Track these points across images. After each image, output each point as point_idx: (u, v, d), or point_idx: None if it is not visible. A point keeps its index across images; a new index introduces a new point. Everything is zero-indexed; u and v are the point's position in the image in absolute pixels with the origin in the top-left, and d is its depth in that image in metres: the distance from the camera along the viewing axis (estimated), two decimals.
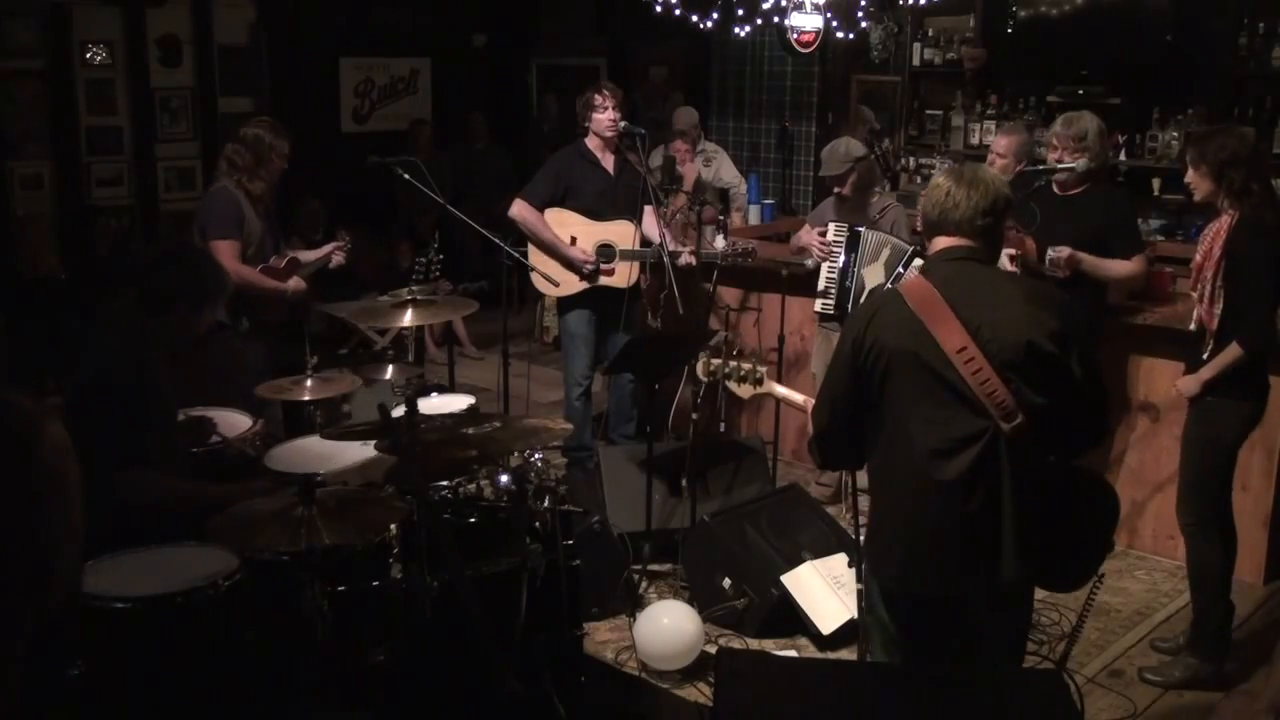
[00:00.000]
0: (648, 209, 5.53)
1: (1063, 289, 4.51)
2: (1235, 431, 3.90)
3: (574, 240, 5.45)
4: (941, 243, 2.73)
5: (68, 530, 1.23)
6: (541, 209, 5.45)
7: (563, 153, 5.62)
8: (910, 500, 2.65)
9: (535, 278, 5.52)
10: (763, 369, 3.16)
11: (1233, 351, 3.76)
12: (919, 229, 2.94)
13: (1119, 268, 4.53)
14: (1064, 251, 4.39)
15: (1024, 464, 2.56)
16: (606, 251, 5.46)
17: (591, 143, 5.49)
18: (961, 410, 2.56)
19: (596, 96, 5.42)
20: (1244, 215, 3.74)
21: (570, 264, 5.43)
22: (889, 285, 4.93)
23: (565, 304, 5.60)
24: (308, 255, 5.28)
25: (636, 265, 5.51)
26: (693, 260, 5.48)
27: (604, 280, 5.47)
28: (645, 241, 5.48)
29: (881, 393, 2.63)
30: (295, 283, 5.00)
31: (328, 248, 5.32)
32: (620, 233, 5.46)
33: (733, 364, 3.19)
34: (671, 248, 5.41)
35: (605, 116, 5.39)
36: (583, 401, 5.65)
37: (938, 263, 2.72)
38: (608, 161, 5.50)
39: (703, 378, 3.24)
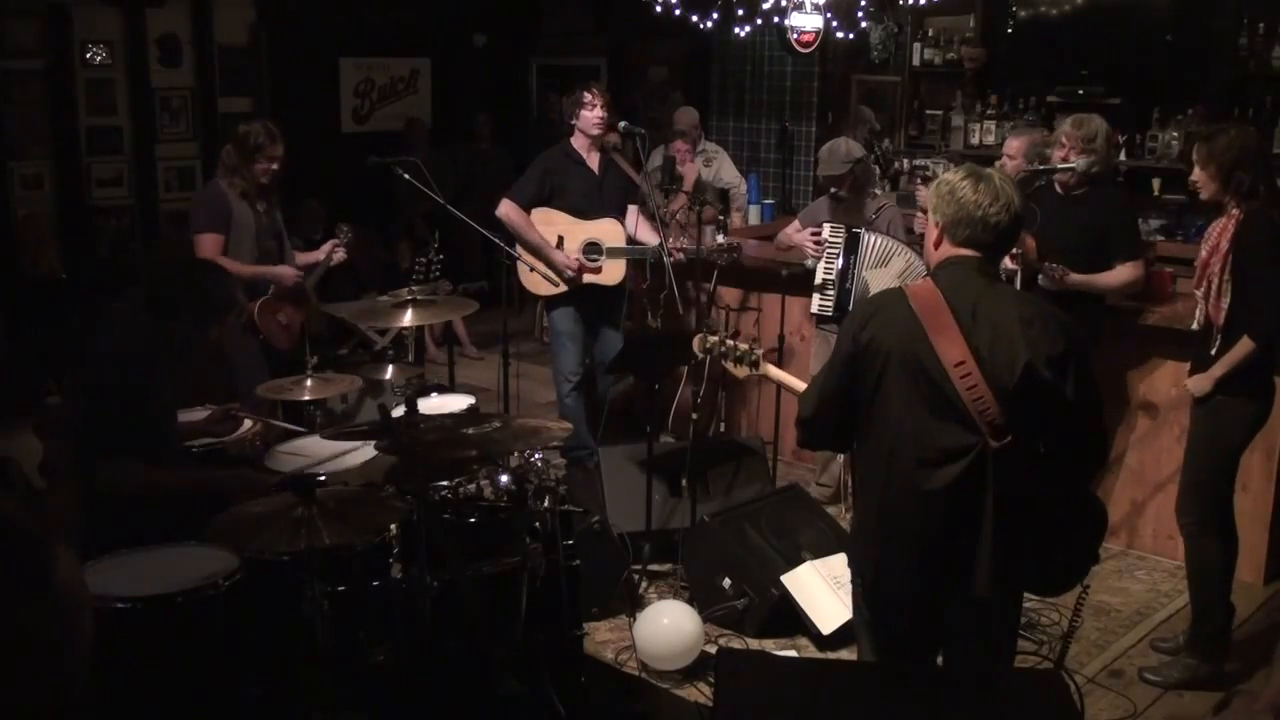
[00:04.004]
0: (632, 208, 5.57)
1: (1062, 290, 4.54)
2: (1243, 432, 3.89)
3: (561, 240, 5.45)
4: (950, 251, 2.68)
5: (80, 653, 1.25)
6: (528, 208, 5.47)
7: (549, 153, 5.64)
8: (892, 504, 2.65)
9: (531, 278, 5.49)
10: (759, 350, 3.12)
11: (1244, 346, 3.75)
12: (915, 229, 2.91)
13: (1109, 279, 4.54)
14: (1062, 272, 4.40)
15: (1009, 483, 2.54)
16: (593, 249, 5.47)
17: (577, 142, 5.51)
18: (952, 423, 2.54)
19: (586, 95, 5.46)
20: (1251, 212, 3.75)
21: (554, 267, 5.42)
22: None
23: (552, 302, 5.59)
24: (305, 258, 5.29)
25: (624, 263, 5.53)
26: (681, 257, 5.50)
27: (591, 278, 5.48)
28: (630, 240, 5.51)
29: (875, 391, 2.62)
30: (288, 270, 5.06)
31: (325, 246, 5.33)
32: (607, 231, 5.48)
33: (730, 343, 3.15)
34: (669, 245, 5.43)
35: (593, 115, 5.42)
36: (574, 398, 5.64)
37: (946, 268, 2.67)
38: (593, 161, 5.52)
39: (699, 353, 3.20)
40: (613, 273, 5.50)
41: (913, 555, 2.65)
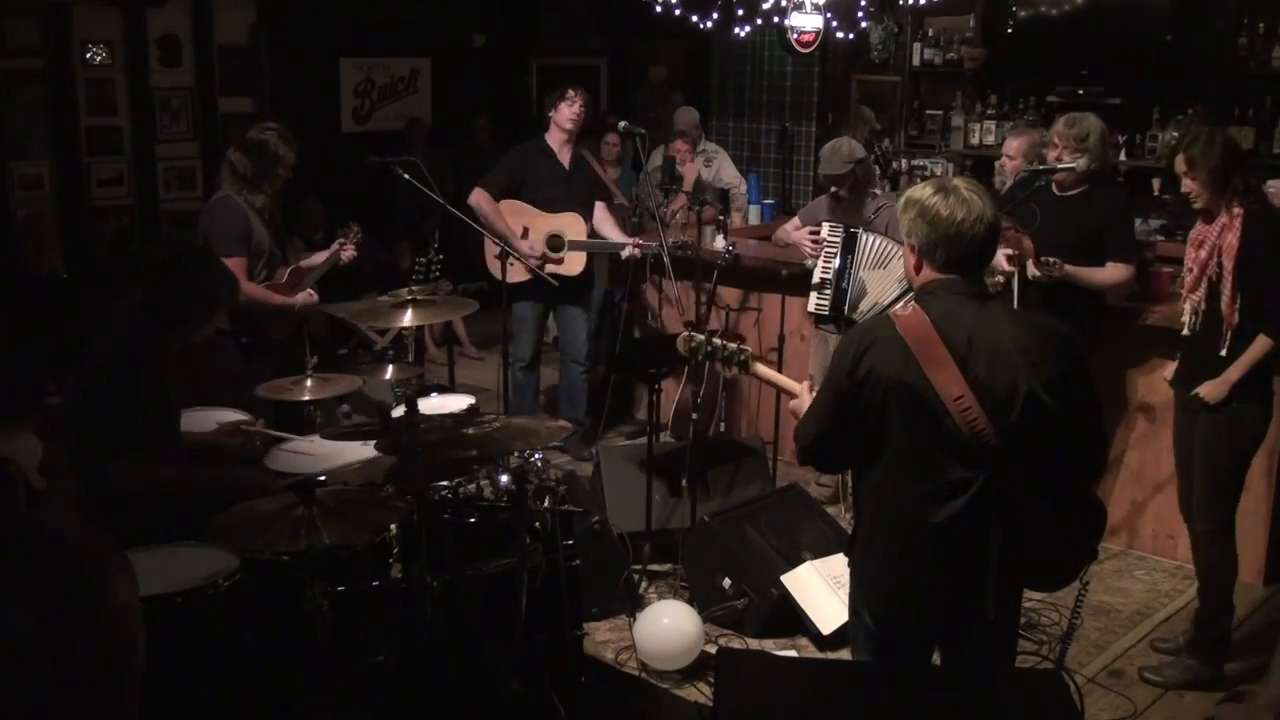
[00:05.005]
0: (599, 205, 5.88)
1: (1060, 290, 4.54)
2: (1259, 435, 3.91)
3: (526, 231, 5.73)
4: (931, 276, 2.61)
5: (135, 685, 1.20)
6: (499, 198, 5.75)
7: (523, 146, 5.96)
8: (899, 535, 2.61)
9: (495, 264, 5.58)
10: (748, 349, 3.01)
11: (1261, 345, 3.75)
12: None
13: (1100, 276, 4.53)
14: (1059, 268, 4.39)
15: (1014, 506, 2.52)
16: (556, 241, 5.75)
17: (552, 137, 5.81)
18: (955, 456, 2.50)
19: (569, 91, 5.76)
20: (1254, 210, 3.76)
21: (518, 256, 5.66)
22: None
23: (514, 291, 5.79)
24: (312, 260, 5.17)
25: (585, 254, 5.82)
26: (636, 253, 5.66)
27: (553, 269, 5.76)
28: (593, 235, 5.81)
29: (877, 425, 2.55)
30: (304, 296, 4.87)
31: (333, 246, 5.24)
32: (570, 224, 5.77)
33: (716, 342, 3.03)
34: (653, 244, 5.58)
35: (570, 110, 5.70)
36: (524, 375, 6.01)
37: (933, 293, 2.59)
38: (564, 156, 5.81)
39: (683, 353, 3.08)
40: (573, 264, 5.81)
41: (920, 587, 2.62)
